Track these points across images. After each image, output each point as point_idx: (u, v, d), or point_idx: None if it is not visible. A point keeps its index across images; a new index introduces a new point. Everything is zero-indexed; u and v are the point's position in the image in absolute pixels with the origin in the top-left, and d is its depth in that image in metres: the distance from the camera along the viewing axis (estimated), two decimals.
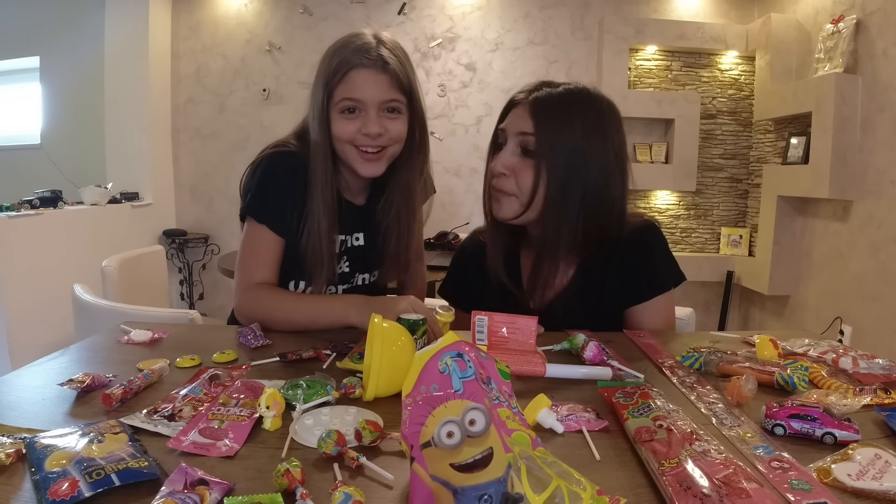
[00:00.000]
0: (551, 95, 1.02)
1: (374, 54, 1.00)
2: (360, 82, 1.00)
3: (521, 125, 1.01)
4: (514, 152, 1.02)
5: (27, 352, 2.40)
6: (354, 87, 1.00)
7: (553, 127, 0.99)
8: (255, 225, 1.07)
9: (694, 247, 3.69)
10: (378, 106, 1.02)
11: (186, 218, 3.75)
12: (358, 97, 1.01)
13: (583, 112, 1.01)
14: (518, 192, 1.02)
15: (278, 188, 1.06)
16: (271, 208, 1.06)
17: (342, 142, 1.04)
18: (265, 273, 1.07)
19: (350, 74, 1.00)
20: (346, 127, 1.02)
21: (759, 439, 0.60)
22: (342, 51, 1.02)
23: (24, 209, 2.60)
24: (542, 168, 0.99)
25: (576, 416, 0.66)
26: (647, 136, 3.60)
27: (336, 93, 1.01)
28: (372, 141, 1.02)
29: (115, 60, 3.44)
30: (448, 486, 0.42)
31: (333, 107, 1.03)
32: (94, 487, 0.47)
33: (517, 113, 1.03)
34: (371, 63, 1.00)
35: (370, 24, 3.44)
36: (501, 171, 1.02)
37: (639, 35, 3.46)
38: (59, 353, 0.86)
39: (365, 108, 1.01)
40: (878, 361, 0.82)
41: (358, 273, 1.18)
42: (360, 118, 1.02)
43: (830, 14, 2.91)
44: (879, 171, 2.62)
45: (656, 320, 1.08)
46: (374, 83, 1.00)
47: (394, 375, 0.69)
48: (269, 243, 1.07)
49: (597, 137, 1.01)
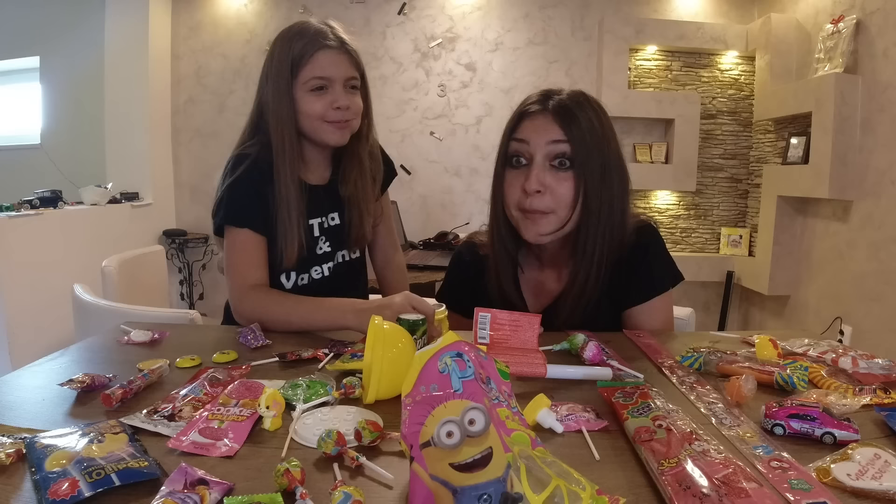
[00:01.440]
0: (565, 102, 0.99)
1: (332, 36, 1.11)
2: (326, 62, 1.09)
3: (548, 134, 0.96)
4: (544, 167, 0.97)
5: (27, 352, 2.40)
6: (321, 67, 1.09)
7: (582, 133, 0.96)
8: (237, 230, 1.10)
9: (694, 247, 3.69)
10: (343, 82, 1.11)
11: (186, 218, 3.75)
12: (326, 75, 1.10)
13: (595, 116, 0.99)
14: (556, 208, 0.97)
15: (250, 189, 1.10)
16: (249, 210, 1.10)
17: (313, 118, 1.11)
18: (258, 274, 1.10)
19: (317, 55, 1.09)
20: (315, 103, 1.10)
21: (758, 439, 0.60)
22: (302, 36, 1.10)
23: (24, 209, 2.60)
24: (582, 178, 0.96)
25: (575, 416, 0.66)
26: (647, 136, 3.60)
27: (303, 74, 1.09)
28: (342, 114, 1.11)
29: (115, 60, 3.44)
30: (448, 485, 0.42)
31: (300, 87, 1.10)
32: (94, 487, 0.47)
33: (538, 124, 0.98)
34: (334, 44, 1.10)
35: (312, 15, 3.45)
36: (537, 189, 0.96)
37: (639, 35, 3.46)
38: (59, 353, 0.86)
39: (332, 85, 1.11)
40: (877, 361, 0.82)
41: (338, 251, 1.23)
42: (328, 94, 1.10)
43: (830, 14, 2.91)
44: (879, 171, 2.62)
45: (655, 321, 1.08)
46: (339, 62, 1.11)
47: (395, 378, 0.69)
48: (254, 244, 1.10)
49: (608, 140, 1.00)
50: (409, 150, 3.66)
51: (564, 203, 0.97)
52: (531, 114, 1.00)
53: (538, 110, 0.99)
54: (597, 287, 1.03)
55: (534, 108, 1.00)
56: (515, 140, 1.00)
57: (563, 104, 0.98)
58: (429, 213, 3.69)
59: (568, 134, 0.96)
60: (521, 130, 1.00)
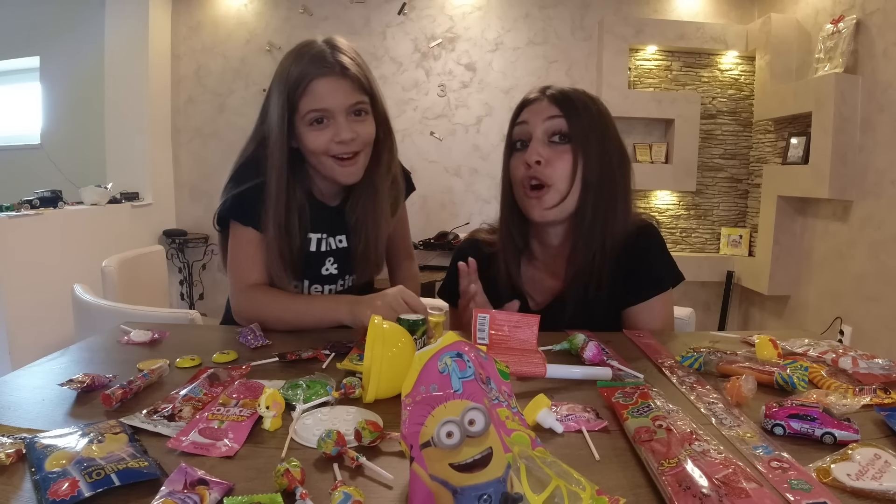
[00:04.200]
0: (563, 89, 1.05)
1: (331, 60, 1.00)
2: (323, 92, 1.00)
3: (545, 112, 1.02)
4: (543, 142, 1.02)
5: (27, 352, 2.40)
6: (319, 98, 1.00)
7: (577, 111, 1.01)
8: (241, 228, 1.08)
9: (694, 247, 3.69)
10: (345, 111, 1.02)
11: (186, 218, 3.75)
12: (324, 107, 1.00)
13: (592, 102, 1.05)
14: (555, 181, 1.01)
15: (256, 193, 1.06)
16: (255, 210, 1.06)
17: (317, 154, 1.03)
18: (258, 273, 1.09)
19: (312, 85, 0.99)
20: (317, 138, 1.02)
21: (758, 439, 0.60)
22: (298, 62, 1.01)
23: (24, 209, 2.59)
24: (579, 150, 1.00)
25: (575, 416, 0.66)
26: (647, 136, 3.60)
27: (301, 106, 1.01)
28: (346, 147, 1.02)
29: (115, 60, 3.44)
30: (447, 485, 0.42)
31: (300, 120, 1.02)
32: (94, 487, 0.47)
33: (536, 107, 1.04)
34: (330, 70, 1.00)
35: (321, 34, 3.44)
36: (536, 160, 1.00)
37: (639, 35, 3.46)
38: (59, 353, 0.86)
39: (333, 116, 1.01)
40: (877, 361, 0.82)
41: (346, 275, 1.20)
42: (329, 127, 1.02)
43: (830, 14, 2.91)
44: (879, 171, 2.62)
45: (654, 320, 1.08)
46: (338, 89, 1.00)
47: (394, 377, 0.69)
48: (257, 243, 1.08)
49: (605, 121, 1.05)
50: (409, 150, 3.66)
51: (563, 175, 1.01)
52: (531, 100, 1.06)
53: (537, 97, 1.06)
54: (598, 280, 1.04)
55: (533, 95, 1.07)
56: (517, 125, 1.06)
57: (561, 91, 1.05)
58: (429, 213, 3.69)
59: (563, 110, 1.01)
60: (522, 115, 1.06)
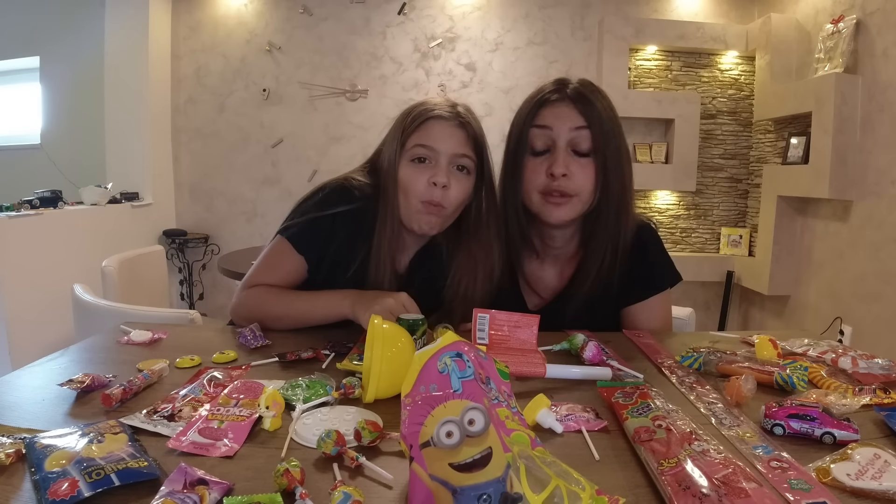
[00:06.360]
0: (580, 89, 1.03)
1: (451, 110, 1.02)
2: (435, 132, 1.00)
3: (571, 121, 1.00)
4: (568, 152, 1.01)
5: (27, 352, 2.40)
6: (429, 136, 1.00)
7: (601, 120, 1.01)
8: (283, 241, 1.05)
9: (694, 247, 3.69)
10: (450, 158, 1.00)
11: (186, 218, 3.75)
12: (431, 144, 1.00)
13: (607, 103, 1.04)
14: (580, 192, 1.01)
15: (322, 221, 1.03)
16: (307, 233, 1.03)
17: (409, 194, 1.00)
18: (273, 281, 1.06)
19: (427, 123, 1.01)
20: (414, 176, 1.00)
21: (758, 439, 0.60)
22: (420, 105, 1.04)
23: (24, 209, 2.59)
24: (602, 164, 1.00)
25: (575, 416, 0.66)
26: (647, 136, 3.60)
27: (410, 140, 1.01)
28: (436, 193, 0.99)
29: (115, 60, 3.44)
30: (447, 485, 0.42)
31: (404, 154, 1.01)
32: (93, 487, 0.47)
33: (558, 111, 1.01)
34: (448, 116, 1.01)
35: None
36: (563, 173, 0.99)
37: (639, 35, 3.46)
38: (59, 353, 0.86)
39: (436, 158, 1.00)
40: (877, 361, 0.82)
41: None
42: (429, 168, 1.00)
43: (830, 14, 2.91)
44: (879, 171, 2.62)
45: (653, 320, 1.08)
46: (450, 135, 1.00)
47: (394, 377, 0.69)
48: (289, 257, 1.04)
49: (619, 126, 1.05)
50: None
51: (588, 188, 1.01)
52: (551, 101, 1.03)
53: (558, 98, 1.02)
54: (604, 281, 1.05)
55: (553, 96, 1.03)
56: (537, 127, 1.03)
57: (579, 91, 1.02)
58: None
59: (588, 120, 1.00)
60: (542, 117, 1.03)
